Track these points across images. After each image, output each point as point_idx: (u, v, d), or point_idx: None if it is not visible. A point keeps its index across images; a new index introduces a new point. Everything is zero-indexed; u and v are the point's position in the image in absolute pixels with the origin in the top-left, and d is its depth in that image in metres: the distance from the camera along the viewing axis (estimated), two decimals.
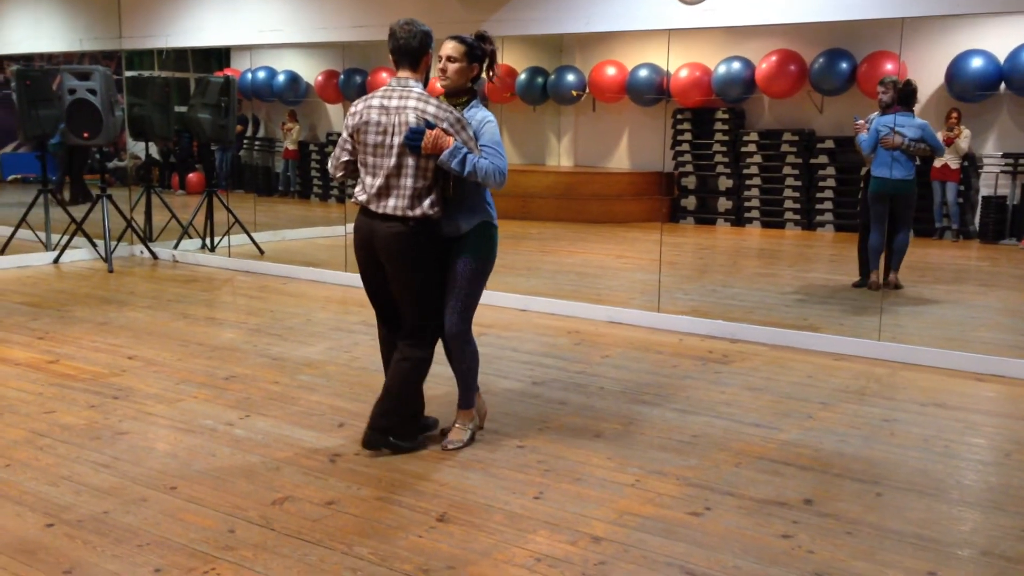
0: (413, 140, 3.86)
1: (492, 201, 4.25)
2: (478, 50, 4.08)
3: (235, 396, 4.98)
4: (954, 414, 4.86)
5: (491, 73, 4.18)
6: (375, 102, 3.99)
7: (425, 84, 4.05)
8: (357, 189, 4.10)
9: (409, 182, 3.94)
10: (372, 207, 4.00)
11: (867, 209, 7.91)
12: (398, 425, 4.15)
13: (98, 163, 9.64)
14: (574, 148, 14.29)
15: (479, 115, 4.07)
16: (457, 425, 4.32)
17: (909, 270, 8.91)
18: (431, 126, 3.88)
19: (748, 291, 8.08)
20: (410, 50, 3.97)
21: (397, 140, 3.92)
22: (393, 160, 3.94)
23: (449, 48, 4.04)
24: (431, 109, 3.91)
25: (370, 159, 4.01)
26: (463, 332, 4.18)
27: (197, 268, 9.23)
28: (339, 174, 4.20)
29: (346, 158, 4.14)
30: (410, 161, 3.93)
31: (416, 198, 3.95)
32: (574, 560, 3.19)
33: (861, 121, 7.79)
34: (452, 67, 4.03)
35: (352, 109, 4.07)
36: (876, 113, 7.88)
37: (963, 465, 4.16)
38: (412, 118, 3.89)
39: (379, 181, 3.98)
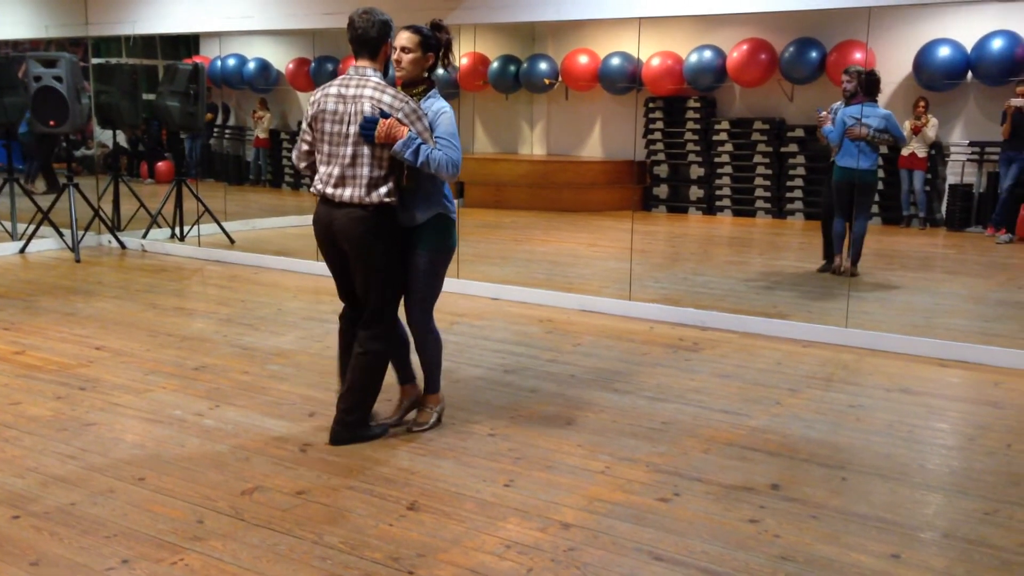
0: (367, 129, 3.88)
1: (450, 194, 4.26)
2: (433, 40, 4.10)
3: (205, 386, 4.96)
4: (919, 399, 4.93)
5: (446, 62, 4.20)
6: (332, 91, 4.00)
7: (385, 73, 4.06)
8: (316, 179, 4.10)
9: (365, 171, 3.96)
10: (329, 195, 4.02)
11: (830, 197, 8.03)
12: (359, 421, 4.17)
13: (65, 151, 9.52)
14: (547, 136, 14.30)
15: (435, 106, 4.08)
16: (426, 408, 4.37)
17: (876, 257, 9.02)
18: (386, 115, 3.89)
19: (718, 279, 8.14)
20: (368, 39, 3.98)
21: (353, 129, 3.93)
22: (349, 149, 3.96)
23: (404, 39, 4.05)
24: (387, 99, 3.92)
25: (326, 147, 4.02)
26: (424, 322, 4.23)
27: (166, 258, 9.16)
28: (302, 164, 4.21)
29: (306, 148, 4.16)
30: (365, 150, 3.94)
31: (371, 187, 3.96)
32: (544, 547, 3.21)
33: (824, 113, 7.89)
34: (407, 57, 4.04)
35: (312, 98, 4.08)
36: (839, 103, 7.96)
37: (927, 449, 4.22)
38: (367, 107, 3.90)
39: (336, 170, 3.99)
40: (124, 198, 10.04)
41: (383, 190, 3.98)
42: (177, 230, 9.79)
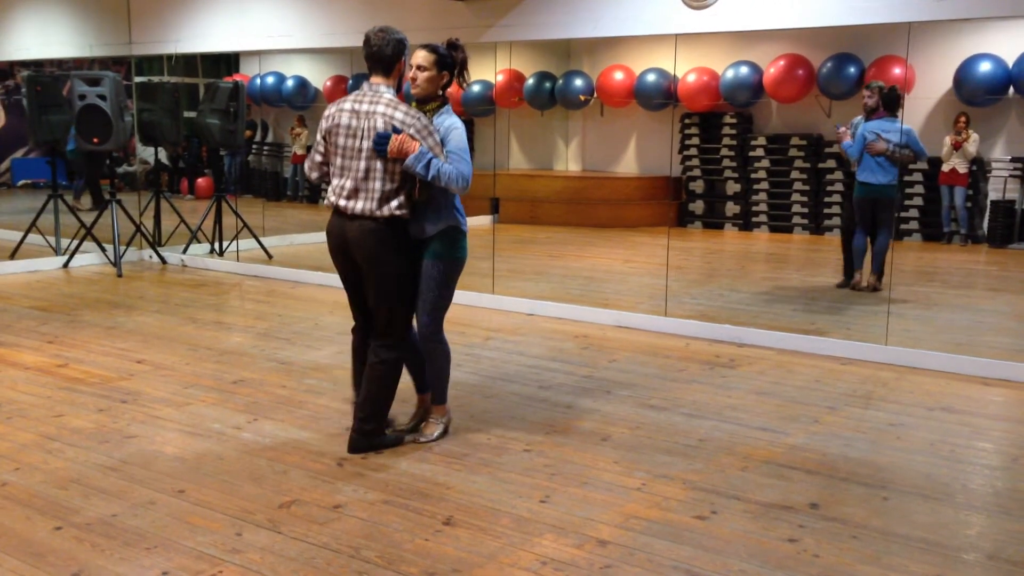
0: (380, 144, 3.98)
1: (462, 207, 4.33)
2: (448, 58, 4.20)
3: (243, 400, 5.00)
4: (961, 418, 4.85)
5: (462, 80, 4.30)
6: (347, 106, 4.10)
7: (398, 90, 4.16)
8: (328, 191, 4.20)
9: (377, 185, 4.05)
10: (342, 208, 4.11)
11: (851, 212, 8.02)
12: (376, 431, 4.25)
13: (108, 168, 9.69)
14: (582, 153, 14.30)
15: (447, 122, 4.17)
16: (431, 420, 4.45)
17: (917, 274, 8.91)
18: (398, 131, 3.99)
19: (755, 295, 8.08)
20: (383, 57, 4.08)
21: (366, 144, 4.03)
22: (362, 163, 4.05)
23: (419, 57, 4.16)
24: (399, 115, 4.02)
25: (340, 161, 4.12)
26: (434, 333, 4.29)
27: (206, 272, 9.27)
28: (314, 175, 4.32)
29: (319, 159, 4.26)
30: (378, 164, 4.03)
31: (383, 200, 4.06)
32: (580, 564, 3.20)
33: (843, 128, 7.89)
34: (422, 75, 4.15)
35: (326, 112, 4.18)
36: (859, 118, 7.96)
37: (969, 469, 4.15)
38: (380, 123, 4.00)
39: (348, 183, 4.09)
40: (165, 214, 10.19)
41: (395, 203, 4.07)
42: (216, 245, 9.90)
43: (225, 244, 9.89)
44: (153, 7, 10.17)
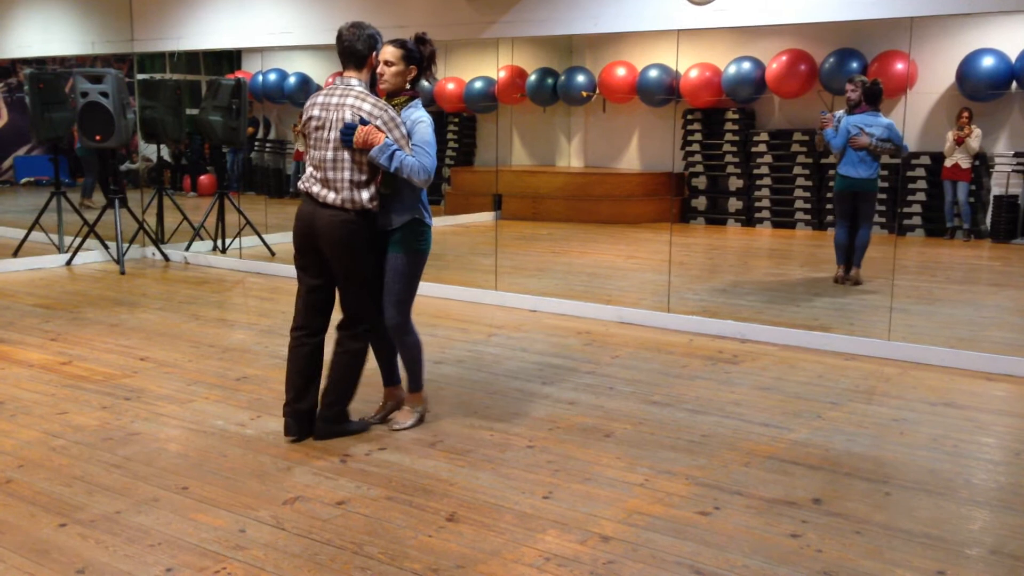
0: (346, 134, 4.09)
1: (427, 202, 4.42)
2: (415, 53, 4.29)
3: (246, 397, 5.01)
4: (964, 413, 4.85)
5: (428, 75, 4.40)
6: (319, 99, 4.23)
7: (372, 84, 4.26)
8: (303, 177, 4.29)
9: (346, 175, 4.15)
10: (315, 194, 4.20)
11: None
12: (340, 416, 4.36)
13: (111, 166, 9.70)
14: (584, 149, 14.29)
15: (414, 115, 4.27)
16: (406, 408, 4.54)
17: (920, 270, 8.91)
18: (365, 122, 4.09)
19: (758, 291, 8.08)
20: (355, 51, 4.21)
21: (334, 135, 4.15)
22: (330, 153, 4.17)
23: (387, 53, 4.25)
24: (366, 106, 4.13)
25: (312, 152, 4.25)
26: (401, 324, 4.38)
27: (208, 270, 9.28)
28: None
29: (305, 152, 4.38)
30: (346, 155, 4.15)
31: (353, 190, 4.16)
32: (583, 559, 3.20)
33: (828, 115, 7.89)
34: (389, 70, 4.25)
35: (305, 105, 4.30)
36: (843, 111, 7.96)
37: (972, 464, 4.15)
38: (348, 114, 4.12)
39: (320, 173, 4.20)
40: (168, 211, 10.20)
41: (365, 195, 4.18)
42: (219, 242, 9.91)
43: (228, 241, 9.90)
44: (155, 4, 10.17)
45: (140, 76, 10.89)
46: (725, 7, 6.86)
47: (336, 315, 4.39)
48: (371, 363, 4.49)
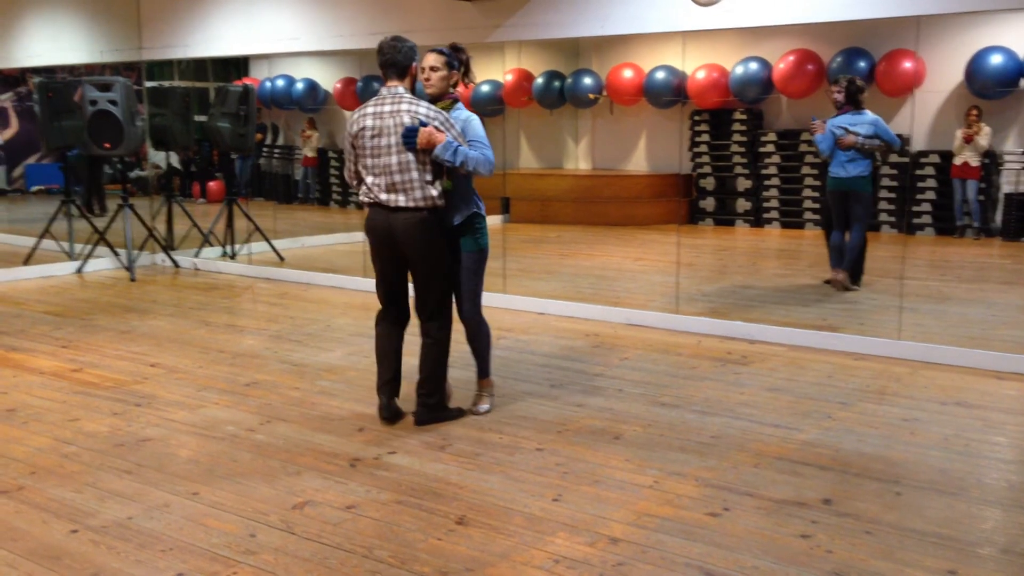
0: (409, 137, 4.30)
1: (477, 193, 4.71)
2: (455, 59, 4.58)
3: (256, 402, 5.03)
4: (975, 413, 4.83)
5: (467, 79, 4.67)
6: (369, 110, 4.41)
7: (412, 92, 4.47)
8: (363, 191, 4.48)
9: (415, 175, 4.36)
10: (385, 201, 4.38)
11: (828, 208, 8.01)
12: (439, 404, 4.59)
13: (120, 173, 9.74)
14: (592, 151, 14.30)
15: (463, 115, 4.55)
16: (483, 393, 4.83)
17: (930, 268, 8.88)
18: (424, 124, 4.31)
19: (767, 292, 8.06)
20: (396, 63, 4.42)
21: (395, 140, 4.34)
22: (394, 158, 4.35)
23: (431, 60, 4.53)
24: (422, 110, 4.35)
25: (370, 161, 4.39)
26: (477, 315, 4.69)
27: (218, 276, 9.31)
28: (355, 182, 4.59)
29: (353, 167, 4.53)
30: (410, 157, 4.35)
31: (423, 189, 4.37)
32: (592, 561, 3.20)
33: (818, 121, 7.83)
34: (435, 75, 4.52)
35: (350, 120, 4.46)
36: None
37: (984, 464, 4.14)
38: (407, 119, 4.32)
39: (384, 179, 4.37)
40: (177, 218, 10.24)
41: (434, 192, 4.39)
42: (228, 248, 9.95)
43: (237, 247, 9.93)
44: (163, 12, 10.22)
45: (149, 84, 10.94)
46: (731, 8, 6.86)
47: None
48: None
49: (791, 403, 4.97)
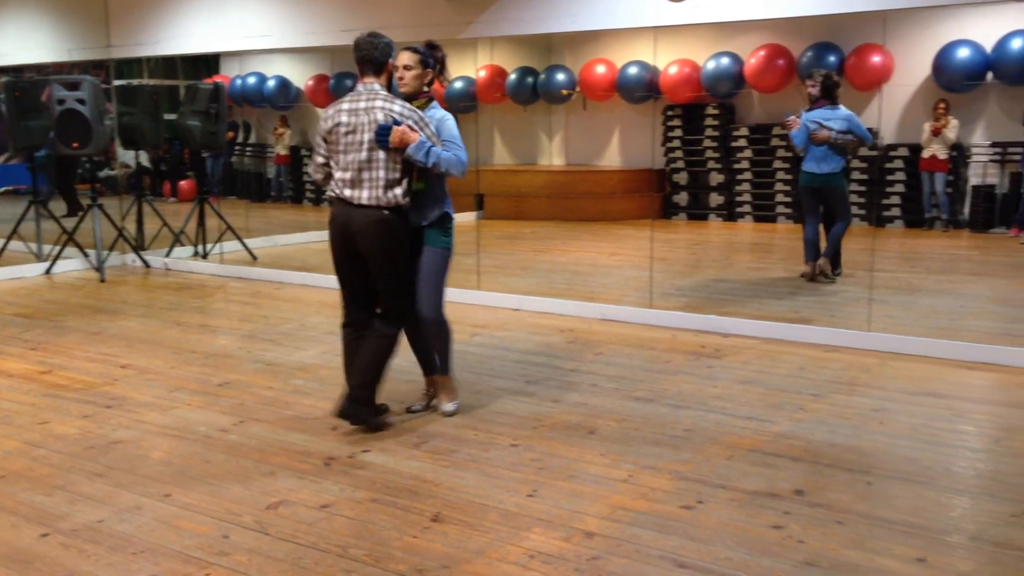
0: (382, 135, 4.24)
1: (449, 194, 4.62)
2: (430, 58, 4.53)
3: (229, 402, 5.00)
4: (944, 402, 4.89)
5: (442, 77, 4.63)
6: (344, 106, 4.35)
7: (388, 88, 4.42)
8: (331, 184, 4.44)
9: (381, 174, 4.30)
10: (348, 197, 4.34)
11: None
12: (370, 399, 4.44)
13: (89, 173, 9.65)
14: (566, 147, 14.31)
15: (438, 114, 4.50)
16: (445, 392, 4.75)
17: (899, 260, 8.96)
18: (398, 123, 4.27)
19: (740, 285, 8.11)
20: (373, 59, 4.37)
21: (367, 136, 4.28)
22: (364, 155, 4.30)
23: (405, 58, 4.47)
24: (397, 108, 4.31)
25: (342, 157, 4.36)
26: (438, 313, 4.59)
27: (190, 275, 9.24)
28: (320, 177, 4.55)
29: (322, 161, 4.48)
30: (380, 155, 4.29)
31: (387, 188, 4.31)
32: (568, 556, 3.21)
33: (792, 117, 7.89)
34: (409, 74, 4.47)
35: (324, 115, 4.42)
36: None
37: (952, 453, 4.19)
38: (380, 116, 4.27)
39: (351, 175, 4.33)
40: (147, 217, 10.15)
41: (398, 191, 4.34)
42: (200, 248, 9.88)
43: (209, 246, 9.86)
44: (131, 10, 10.12)
45: (117, 82, 10.84)
46: (702, 3, 6.88)
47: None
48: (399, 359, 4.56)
49: (764, 395, 5.01)
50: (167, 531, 3.45)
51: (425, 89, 4.53)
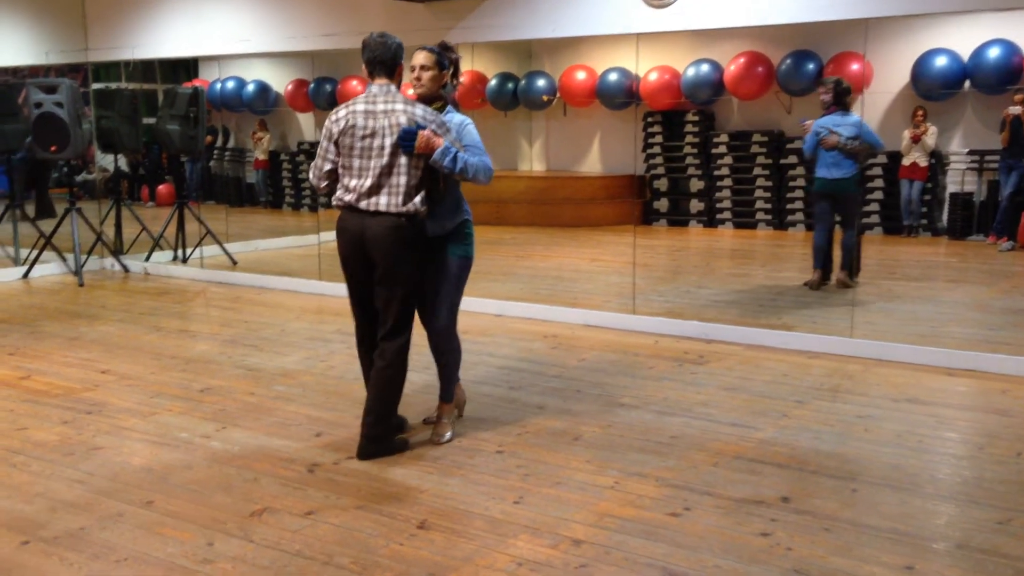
0: (407, 139, 4.02)
1: (464, 198, 4.48)
2: (445, 59, 4.32)
3: (211, 408, 4.95)
4: (927, 409, 4.91)
5: (455, 80, 4.43)
6: (359, 108, 4.10)
7: (398, 90, 4.19)
8: (339, 192, 4.18)
9: (402, 180, 4.08)
10: (362, 206, 4.10)
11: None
12: (387, 432, 4.24)
13: (66, 177, 9.55)
14: (546, 153, 14.32)
15: (457, 119, 4.31)
16: (443, 420, 4.49)
17: (879, 267, 9.02)
18: (422, 127, 4.04)
19: (722, 291, 8.13)
20: (385, 60, 4.13)
21: (389, 141, 4.05)
22: (385, 160, 4.06)
23: (422, 58, 4.25)
24: (419, 112, 4.09)
25: (356, 161, 4.11)
26: (450, 327, 4.42)
27: (169, 280, 9.16)
28: (324, 184, 4.26)
29: (329, 167, 4.20)
30: (402, 160, 4.07)
31: (407, 195, 4.09)
32: (555, 564, 3.20)
33: (808, 122, 7.93)
34: (426, 75, 4.25)
35: (334, 116, 4.15)
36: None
37: (937, 459, 4.21)
38: (403, 120, 4.04)
39: (368, 181, 4.09)
40: (126, 222, 10.05)
41: (418, 199, 4.12)
42: (179, 252, 9.79)
43: (188, 251, 9.78)
44: (109, 12, 10.04)
45: (95, 86, 10.73)
46: (683, 10, 6.91)
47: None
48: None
49: (748, 402, 5.02)
50: (150, 538, 3.40)
51: (440, 92, 4.30)
